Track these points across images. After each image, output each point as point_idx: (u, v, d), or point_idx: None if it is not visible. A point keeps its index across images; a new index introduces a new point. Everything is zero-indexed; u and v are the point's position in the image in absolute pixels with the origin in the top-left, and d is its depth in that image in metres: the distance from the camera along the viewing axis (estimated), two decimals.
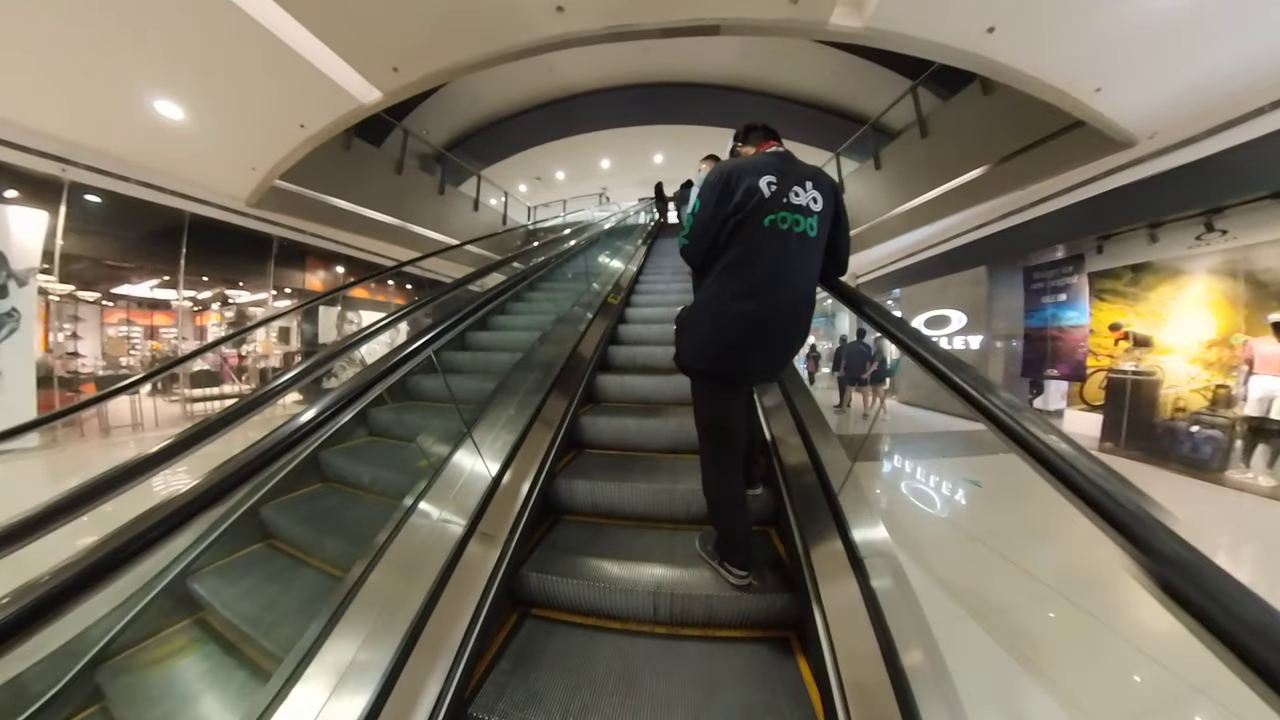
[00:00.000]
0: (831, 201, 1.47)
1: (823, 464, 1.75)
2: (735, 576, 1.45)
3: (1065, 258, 7.18)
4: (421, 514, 1.53)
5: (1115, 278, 7.18)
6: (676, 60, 10.96)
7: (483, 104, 12.25)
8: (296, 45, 3.88)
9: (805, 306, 1.47)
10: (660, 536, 1.81)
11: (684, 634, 1.44)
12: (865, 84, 11.39)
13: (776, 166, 1.44)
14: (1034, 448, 0.79)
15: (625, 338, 3.76)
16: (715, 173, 1.48)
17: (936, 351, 1.19)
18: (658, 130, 13.53)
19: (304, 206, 7.68)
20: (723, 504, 1.52)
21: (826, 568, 1.37)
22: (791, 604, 1.43)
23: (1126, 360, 7.14)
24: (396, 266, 7.84)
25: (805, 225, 1.40)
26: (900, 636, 1.09)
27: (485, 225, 11.74)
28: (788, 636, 1.41)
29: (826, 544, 1.44)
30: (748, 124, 1.75)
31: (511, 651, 1.35)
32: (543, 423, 2.18)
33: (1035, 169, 6.20)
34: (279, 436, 0.84)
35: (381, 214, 8.67)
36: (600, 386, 2.96)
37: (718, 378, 1.48)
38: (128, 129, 4.84)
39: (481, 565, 1.40)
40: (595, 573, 1.55)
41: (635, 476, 2.05)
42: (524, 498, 1.71)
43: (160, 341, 8.40)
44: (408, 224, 9.19)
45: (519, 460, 1.90)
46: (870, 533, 1.42)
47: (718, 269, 1.44)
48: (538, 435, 2.08)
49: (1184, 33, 3.62)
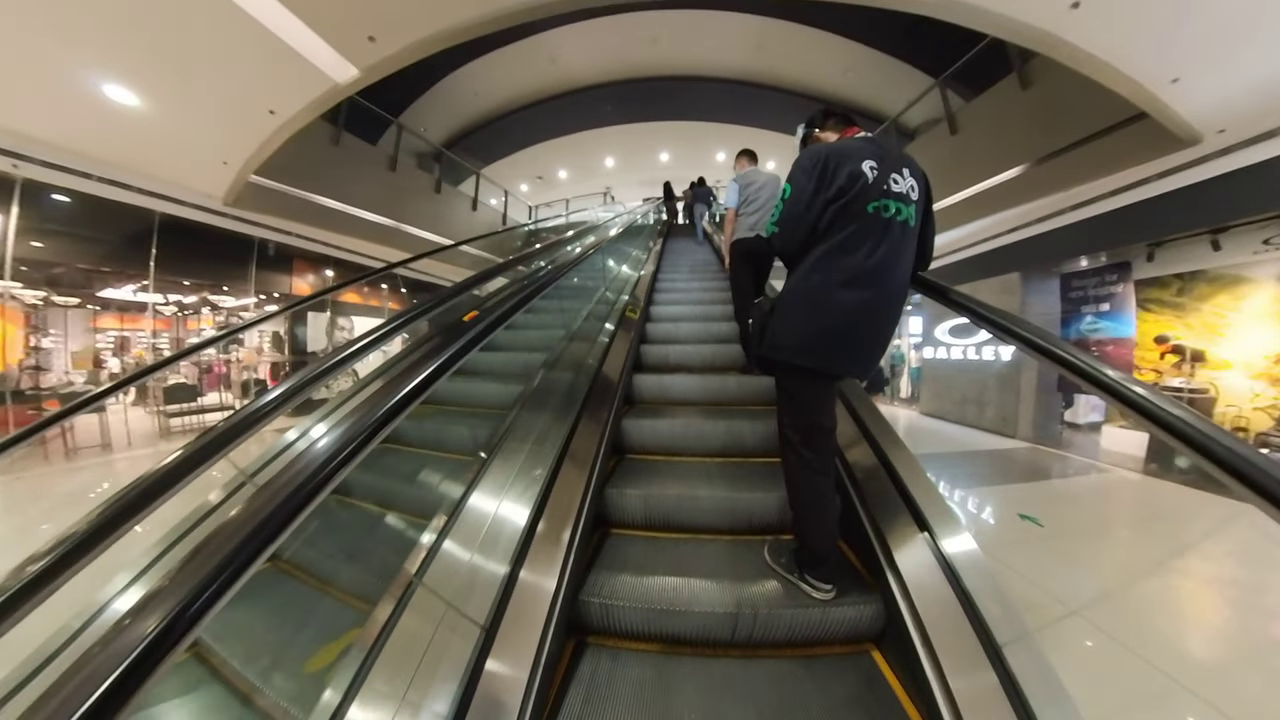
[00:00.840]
0: (924, 191, 1.42)
1: (894, 465, 1.68)
2: (820, 590, 1.38)
3: (1108, 265, 6.67)
4: (459, 537, 1.36)
5: (1162, 286, 6.68)
6: (686, 53, 10.43)
7: (482, 99, 11.73)
8: (260, 15, 3.37)
9: (904, 296, 1.44)
10: (722, 549, 1.68)
11: (761, 655, 1.35)
12: (883, 80, 10.88)
13: (875, 152, 1.37)
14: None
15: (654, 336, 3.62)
16: (811, 156, 1.40)
17: (1070, 351, 1.06)
18: (664, 127, 13.00)
19: (288, 206, 7.17)
20: (813, 513, 1.43)
21: (913, 574, 1.31)
22: (878, 615, 1.36)
23: (1174, 375, 6.65)
24: (386, 268, 7.35)
25: (906, 214, 1.35)
26: (1006, 640, 1.06)
27: (485, 225, 11.23)
28: (868, 649, 1.36)
29: (909, 548, 1.39)
30: (824, 109, 1.67)
31: (577, 689, 1.22)
32: (586, 426, 1.98)
33: (1080, 169, 5.68)
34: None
35: (373, 214, 8.16)
36: (637, 386, 2.84)
37: (817, 372, 1.41)
38: (79, 119, 4.33)
39: (538, 596, 1.24)
40: (665, 594, 1.42)
41: (691, 485, 1.91)
42: (575, 514, 1.52)
43: (141, 350, 7.90)
44: (401, 225, 8.68)
45: (563, 473, 1.69)
46: (952, 534, 1.37)
47: (816, 257, 1.37)
48: (582, 441, 1.88)
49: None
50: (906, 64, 10.29)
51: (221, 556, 0.50)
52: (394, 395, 0.83)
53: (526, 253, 2.87)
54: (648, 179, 15.12)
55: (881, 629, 1.35)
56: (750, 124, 12.51)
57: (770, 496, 1.79)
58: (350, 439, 0.71)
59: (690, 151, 14.16)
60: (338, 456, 0.67)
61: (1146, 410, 0.83)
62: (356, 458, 0.70)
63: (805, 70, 10.72)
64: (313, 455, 0.66)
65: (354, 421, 0.74)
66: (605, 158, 14.63)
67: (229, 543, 0.51)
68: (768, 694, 1.19)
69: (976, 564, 1.25)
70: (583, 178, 15.40)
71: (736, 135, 12.91)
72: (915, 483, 1.56)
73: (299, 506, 0.59)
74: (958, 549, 1.31)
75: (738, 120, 12.50)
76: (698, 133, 13.21)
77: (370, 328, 1.52)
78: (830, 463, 1.47)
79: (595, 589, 1.42)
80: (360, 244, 8.81)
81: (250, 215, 6.97)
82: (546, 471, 1.63)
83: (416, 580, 1.19)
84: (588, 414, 2.05)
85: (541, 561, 1.32)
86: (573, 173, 15.35)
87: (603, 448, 1.90)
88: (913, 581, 1.28)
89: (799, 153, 1.52)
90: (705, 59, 10.56)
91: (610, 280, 4.32)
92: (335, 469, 0.66)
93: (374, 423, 0.76)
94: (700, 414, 2.44)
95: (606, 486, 1.85)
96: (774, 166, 13.14)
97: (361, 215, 7.99)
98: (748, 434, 2.24)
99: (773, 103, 11.52)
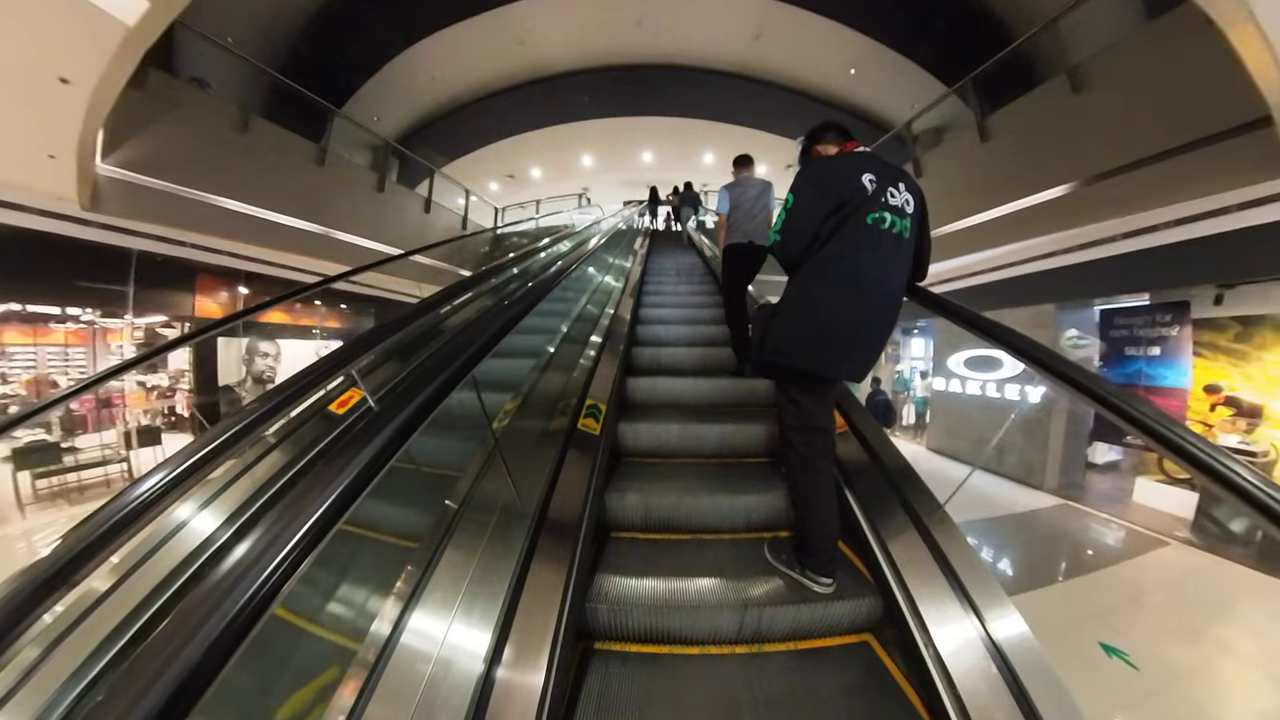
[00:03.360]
0: (919, 205, 1.48)
1: (882, 458, 1.77)
2: (821, 585, 1.42)
3: (1161, 303, 5.79)
4: (459, 548, 1.26)
5: (1217, 329, 5.83)
6: (675, 38, 9.19)
7: (441, 85, 10.27)
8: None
9: (899, 305, 1.50)
10: (723, 549, 1.68)
11: (767, 650, 1.37)
12: (888, 83, 9.92)
13: (874, 166, 1.43)
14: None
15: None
16: (815, 168, 1.49)
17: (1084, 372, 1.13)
18: (648, 123, 11.76)
19: (176, 209, 5.70)
20: (815, 510, 1.48)
21: (910, 567, 1.37)
22: (875, 607, 1.41)
23: (1227, 429, 5.82)
24: (305, 290, 6.00)
25: (901, 226, 1.41)
26: (996, 623, 1.15)
27: (443, 230, 9.77)
28: (868, 640, 1.40)
29: (903, 539, 1.46)
30: (823, 122, 1.68)
31: (588, 698, 1.19)
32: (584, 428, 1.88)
33: (1150, 190, 4.72)
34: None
35: (293, 218, 6.70)
36: (630, 388, 2.63)
37: (817, 375, 1.48)
38: None
39: (547, 602, 1.18)
40: (671, 595, 1.42)
41: (690, 486, 1.90)
42: (579, 519, 1.45)
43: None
44: (331, 231, 7.23)
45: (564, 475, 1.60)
46: (944, 525, 1.44)
47: (816, 265, 1.42)
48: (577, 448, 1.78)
49: None
50: (916, 65, 9.33)
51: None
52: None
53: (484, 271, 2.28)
54: (628, 180, 13.90)
55: (880, 620, 1.41)
56: (743, 123, 11.38)
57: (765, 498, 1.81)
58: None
59: (676, 152, 12.96)
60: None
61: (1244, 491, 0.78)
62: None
63: (807, 65, 9.63)
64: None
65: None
66: (583, 156, 13.30)
67: None
68: (779, 688, 1.23)
69: (969, 553, 1.35)
70: (558, 177, 14.02)
71: (727, 135, 11.76)
72: (905, 478, 1.65)
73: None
74: (949, 539, 1.39)
75: (729, 118, 11.35)
76: (685, 131, 12.01)
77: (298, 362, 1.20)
78: (830, 461, 1.53)
79: (601, 594, 1.40)
80: (283, 256, 7.33)
81: (119, 222, 5.47)
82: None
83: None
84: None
85: (546, 569, 1.25)
86: (547, 171, 13.96)
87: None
88: (910, 574, 1.34)
89: (799, 164, 1.62)
90: (696, 46, 9.34)
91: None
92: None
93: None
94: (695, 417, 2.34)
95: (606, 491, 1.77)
96: (765, 171, 12.06)
97: (277, 220, 6.53)
98: (741, 436, 2.23)
99: (769, 100, 10.42)
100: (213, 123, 5.97)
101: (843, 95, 10.53)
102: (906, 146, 7.78)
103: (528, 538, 1.35)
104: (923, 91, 9.39)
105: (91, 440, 6.34)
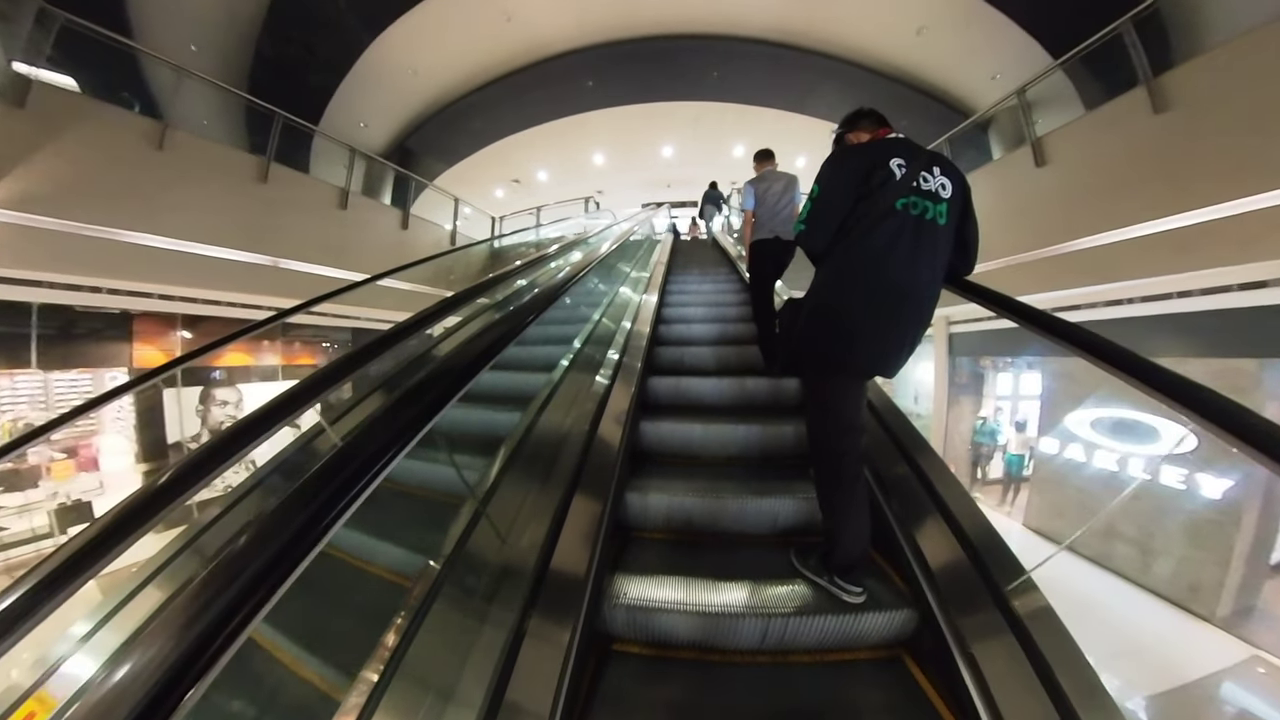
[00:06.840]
0: (960, 189, 1.38)
1: (920, 463, 1.66)
2: (851, 594, 1.35)
3: None
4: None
5: None
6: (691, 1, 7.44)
7: (425, 80, 8.98)
8: None
9: (934, 295, 1.41)
10: (750, 554, 1.64)
11: (791, 661, 1.33)
12: (964, 47, 7.82)
13: (902, 150, 1.36)
14: None
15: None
16: (838, 155, 1.45)
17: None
18: (666, 110, 10.03)
19: (76, 251, 4.66)
20: (847, 515, 1.40)
21: (946, 577, 1.28)
22: (910, 619, 1.32)
23: None
24: (242, 333, 4.81)
25: (935, 212, 1.33)
26: (1049, 645, 1.04)
27: (428, 247, 8.51)
28: (899, 654, 1.31)
29: (937, 548, 1.37)
30: (855, 110, 1.59)
31: (604, 701, 1.18)
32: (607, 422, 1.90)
33: None
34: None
35: (228, 249, 5.57)
36: (651, 388, 2.56)
37: (847, 369, 1.43)
38: None
39: (564, 601, 1.19)
40: (694, 600, 1.36)
41: (716, 487, 1.84)
42: (599, 516, 1.45)
43: None
44: (280, 261, 6.08)
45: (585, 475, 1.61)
46: (984, 530, 1.37)
47: (843, 254, 1.38)
48: (601, 442, 1.81)
49: None
50: (1009, 19, 7.22)
51: None
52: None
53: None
54: (648, 180, 12.27)
55: (913, 633, 1.32)
56: (780, 105, 9.48)
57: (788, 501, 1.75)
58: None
59: (704, 145, 11.19)
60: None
61: None
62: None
63: (860, 25, 7.66)
64: None
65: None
66: (593, 154, 11.76)
67: None
68: (807, 703, 1.21)
69: (1011, 562, 1.27)
70: (567, 179, 12.53)
71: (761, 121, 9.89)
72: (944, 485, 1.54)
73: None
74: (990, 547, 1.31)
75: (763, 99, 9.47)
76: (714, 117, 10.20)
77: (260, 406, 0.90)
78: (860, 465, 1.45)
79: (620, 595, 1.38)
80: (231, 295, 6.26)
81: (13, 272, 4.48)
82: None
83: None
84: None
85: (566, 568, 1.26)
86: (554, 174, 12.52)
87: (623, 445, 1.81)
88: (947, 585, 1.26)
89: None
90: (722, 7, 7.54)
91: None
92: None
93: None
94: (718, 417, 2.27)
95: (626, 490, 1.77)
96: (806, 163, 10.11)
97: (205, 253, 5.41)
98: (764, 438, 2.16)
99: (813, 75, 8.50)
100: (117, 139, 4.86)
101: (904, 66, 8.48)
102: (1014, 126, 5.78)
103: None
104: (1011, 58, 7.26)
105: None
